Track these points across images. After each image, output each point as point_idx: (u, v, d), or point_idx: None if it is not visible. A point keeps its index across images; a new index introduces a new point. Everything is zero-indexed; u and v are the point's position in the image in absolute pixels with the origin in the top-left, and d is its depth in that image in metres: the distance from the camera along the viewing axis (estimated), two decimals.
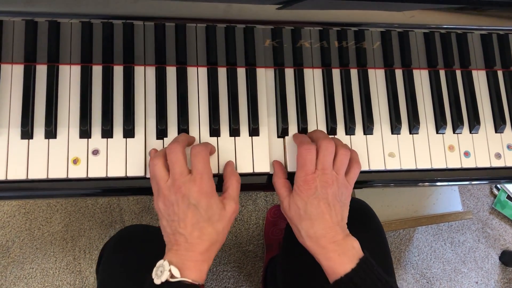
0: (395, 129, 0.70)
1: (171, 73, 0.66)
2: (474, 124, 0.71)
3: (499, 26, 0.62)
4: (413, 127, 0.70)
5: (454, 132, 0.72)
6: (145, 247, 0.72)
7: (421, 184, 0.72)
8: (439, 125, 0.71)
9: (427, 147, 0.70)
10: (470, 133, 0.72)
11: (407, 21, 0.59)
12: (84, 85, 0.63)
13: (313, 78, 0.70)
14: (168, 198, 0.55)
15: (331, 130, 0.68)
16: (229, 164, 0.63)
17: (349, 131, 0.69)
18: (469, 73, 0.74)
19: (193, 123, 0.65)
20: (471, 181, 0.73)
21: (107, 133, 0.63)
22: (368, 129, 0.69)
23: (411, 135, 0.70)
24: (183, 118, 0.64)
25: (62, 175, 0.61)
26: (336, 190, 0.58)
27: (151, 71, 0.66)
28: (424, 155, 0.70)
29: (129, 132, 0.63)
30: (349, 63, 0.71)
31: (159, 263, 0.53)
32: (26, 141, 0.61)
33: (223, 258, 1.35)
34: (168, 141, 0.63)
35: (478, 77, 0.75)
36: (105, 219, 1.35)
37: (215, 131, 0.65)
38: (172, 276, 0.52)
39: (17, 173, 0.60)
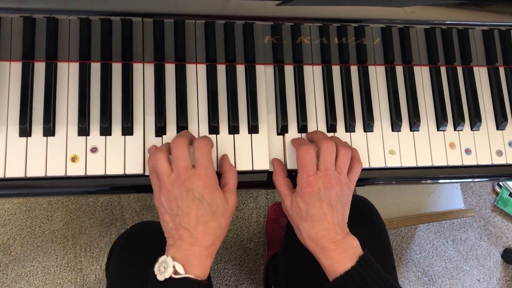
0: (396, 126, 0.69)
1: (170, 70, 0.66)
2: (476, 121, 0.71)
3: (501, 22, 0.62)
4: (414, 124, 0.69)
5: (455, 129, 0.71)
6: (155, 244, 0.72)
7: (423, 181, 0.71)
8: (440, 122, 0.70)
9: (427, 144, 0.70)
10: (471, 130, 0.71)
11: (407, 17, 0.58)
12: (82, 82, 0.63)
13: (313, 75, 0.70)
14: (171, 192, 0.55)
15: (331, 128, 0.68)
16: (225, 158, 0.63)
17: (349, 128, 0.68)
18: (470, 69, 0.74)
19: (192, 120, 0.65)
20: (473, 179, 0.73)
21: (105, 130, 0.62)
22: (368, 126, 0.68)
23: (412, 132, 0.70)
24: (182, 116, 0.64)
25: (61, 173, 0.60)
26: (339, 191, 0.58)
27: (149, 68, 0.66)
28: (424, 152, 0.69)
29: (127, 130, 0.63)
30: (349, 59, 0.70)
31: (162, 258, 0.53)
32: (24, 138, 0.61)
33: (224, 255, 1.35)
34: (166, 138, 0.63)
35: (480, 73, 0.74)
36: (106, 217, 1.35)
37: (214, 129, 0.65)
38: (176, 272, 0.51)
39: (15, 171, 0.60)
